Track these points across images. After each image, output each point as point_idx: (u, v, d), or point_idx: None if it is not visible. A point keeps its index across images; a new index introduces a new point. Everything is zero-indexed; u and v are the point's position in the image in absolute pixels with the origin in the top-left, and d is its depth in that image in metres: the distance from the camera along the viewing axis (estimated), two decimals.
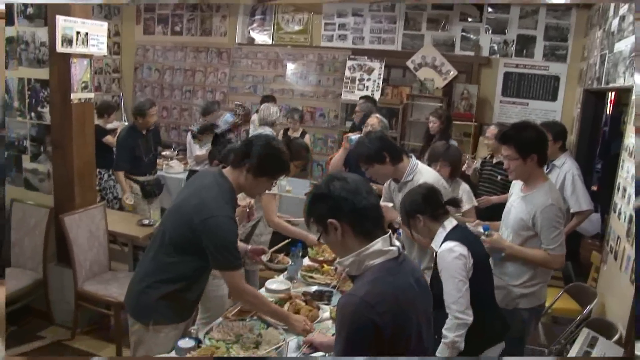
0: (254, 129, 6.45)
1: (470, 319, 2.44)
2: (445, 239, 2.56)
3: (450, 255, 2.48)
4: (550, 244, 2.80)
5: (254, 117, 7.06)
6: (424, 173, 3.12)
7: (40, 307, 4.35)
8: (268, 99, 6.98)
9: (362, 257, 1.71)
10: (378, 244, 1.70)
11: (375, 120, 4.64)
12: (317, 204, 1.78)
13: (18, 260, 4.32)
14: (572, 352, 2.72)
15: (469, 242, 2.55)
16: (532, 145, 2.82)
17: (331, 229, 1.73)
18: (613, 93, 6.33)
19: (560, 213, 2.82)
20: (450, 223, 2.62)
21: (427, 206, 2.62)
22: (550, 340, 3.60)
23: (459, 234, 2.57)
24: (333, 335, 2.46)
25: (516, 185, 3.09)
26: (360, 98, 6.80)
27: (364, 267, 1.72)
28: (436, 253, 2.59)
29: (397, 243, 1.77)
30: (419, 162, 3.20)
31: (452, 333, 2.43)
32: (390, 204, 3.31)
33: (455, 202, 2.71)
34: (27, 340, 4.05)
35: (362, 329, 1.60)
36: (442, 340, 2.45)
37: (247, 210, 3.14)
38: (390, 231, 1.77)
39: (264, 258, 2.98)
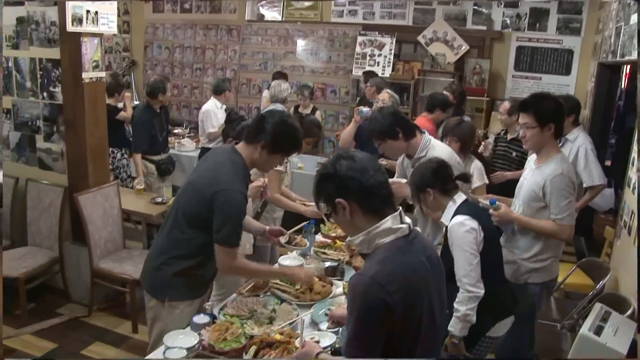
0: (264, 105, 6.45)
1: (481, 292, 2.45)
2: (455, 213, 2.56)
3: (461, 229, 2.49)
4: (559, 213, 2.78)
5: (265, 93, 7.05)
6: (437, 149, 3.09)
7: (58, 285, 4.43)
8: (279, 75, 6.96)
9: (372, 235, 1.70)
10: (387, 222, 1.69)
11: (386, 96, 4.61)
12: (324, 183, 1.77)
13: (34, 239, 4.38)
14: (585, 327, 2.72)
15: (479, 216, 2.55)
16: (550, 114, 2.82)
17: (339, 208, 1.73)
18: (628, 66, 6.21)
19: (570, 183, 2.80)
20: (460, 197, 2.62)
21: (437, 180, 2.62)
22: (562, 315, 3.60)
23: (469, 208, 2.57)
24: None
25: (530, 161, 3.08)
26: (363, 73, 6.76)
27: (374, 245, 1.71)
28: (446, 227, 2.59)
29: (408, 220, 1.76)
30: (432, 138, 3.18)
31: (463, 306, 2.45)
32: (404, 180, 3.30)
33: (465, 177, 2.71)
34: (46, 317, 4.12)
35: (373, 309, 1.60)
36: (454, 314, 2.46)
37: (262, 189, 3.15)
38: (400, 208, 1.76)
39: (282, 239, 2.99)
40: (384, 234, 1.69)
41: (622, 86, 6.71)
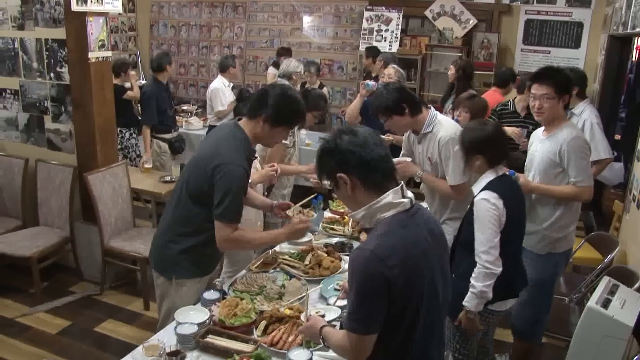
0: (270, 82, 6.43)
1: (499, 270, 2.43)
2: (485, 187, 2.52)
3: (485, 205, 2.45)
4: (578, 175, 2.81)
5: (270, 69, 7.01)
6: (444, 124, 3.07)
7: (70, 264, 4.49)
8: (283, 51, 6.92)
9: (373, 210, 1.71)
10: (388, 197, 1.69)
11: (391, 71, 4.58)
12: (326, 158, 1.77)
13: (46, 219, 4.43)
14: (592, 300, 2.73)
15: (507, 196, 2.49)
16: (567, 85, 2.87)
17: (341, 183, 1.73)
18: (639, 38, 6.14)
19: (586, 145, 2.86)
20: (499, 171, 2.56)
21: (491, 148, 2.54)
22: (571, 289, 3.62)
23: (500, 185, 2.51)
24: None
25: (535, 136, 3.09)
26: (366, 49, 6.70)
27: (375, 220, 1.72)
28: (473, 201, 2.56)
29: (410, 194, 1.76)
30: (438, 113, 3.16)
31: (480, 283, 2.43)
32: (409, 159, 3.29)
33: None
34: (59, 295, 4.19)
35: (372, 283, 1.61)
36: (470, 289, 2.46)
37: (276, 174, 3.17)
38: (402, 182, 1.76)
39: (290, 212, 3.01)
40: (384, 208, 1.70)
41: (633, 59, 6.63)
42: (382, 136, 3.71)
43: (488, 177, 2.55)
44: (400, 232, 1.67)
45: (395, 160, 3.12)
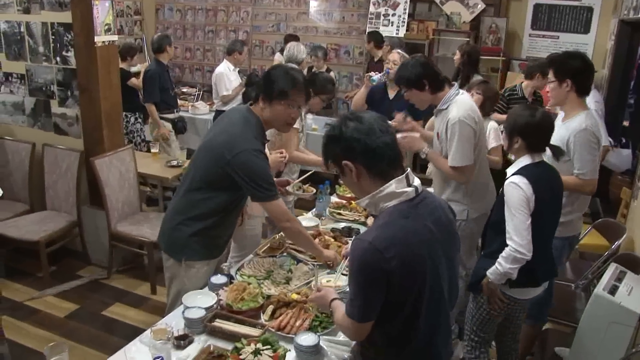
0: None
1: (528, 255, 2.40)
2: (517, 172, 2.50)
3: (513, 189, 2.43)
4: (582, 167, 2.81)
5: (277, 56, 6.98)
6: (459, 104, 3.02)
7: (77, 248, 4.52)
8: (291, 38, 6.88)
9: (376, 199, 1.70)
10: (391, 186, 1.68)
11: (396, 56, 4.53)
12: (331, 145, 1.76)
13: (53, 204, 4.45)
14: (599, 287, 2.73)
15: (539, 183, 2.45)
16: (568, 70, 2.88)
17: (347, 170, 1.72)
18: None
19: (594, 138, 2.83)
20: (537, 157, 2.53)
21: (533, 135, 2.52)
22: (577, 275, 3.61)
23: (534, 171, 2.49)
24: None
25: (559, 119, 3.07)
26: (367, 34, 6.65)
27: (379, 208, 1.72)
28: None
29: (417, 182, 1.74)
30: (462, 93, 3.12)
31: (507, 264, 2.41)
32: (417, 134, 3.30)
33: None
34: (67, 279, 4.22)
35: (369, 274, 1.62)
36: (496, 265, 2.44)
37: (284, 160, 3.17)
38: (408, 170, 1.74)
39: (290, 189, 2.99)
40: (387, 197, 1.69)
41: None
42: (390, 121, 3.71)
43: (523, 161, 2.54)
44: (402, 223, 1.66)
45: (402, 134, 3.19)
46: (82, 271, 4.39)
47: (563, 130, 2.88)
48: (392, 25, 7.27)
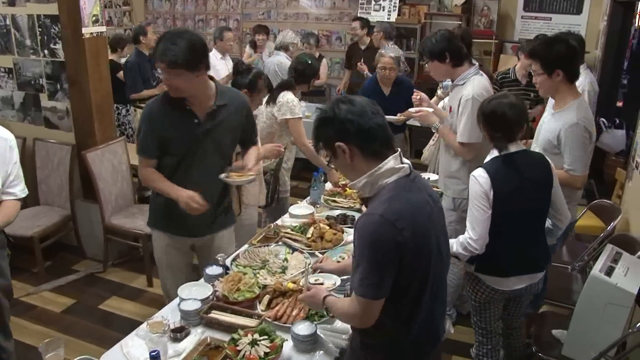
0: (268, 55, 6.36)
1: (478, 250, 2.43)
2: (483, 164, 2.50)
3: (474, 183, 2.45)
4: (572, 163, 2.78)
5: (247, 49, 6.93)
6: (476, 83, 3.10)
7: (72, 243, 4.49)
8: (260, 29, 6.82)
9: (375, 177, 1.71)
10: (390, 162, 1.70)
11: (389, 61, 4.41)
12: (323, 127, 1.76)
13: (46, 198, 4.41)
14: (596, 268, 2.73)
15: (501, 176, 2.43)
16: (556, 60, 2.77)
17: (340, 152, 1.72)
18: None
19: (586, 133, 2.77)
20: (505, 150, 2.47)
21: (498, 127, 2.48)
22: (573, 257, 3.62)
23: (496, 166, 2.46)
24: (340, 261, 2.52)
25: (548, 106, 3.04)
26: (354, 20, 6.57)
27: (378, 186, 1.72)
28: None
29: (407, 161, 1.77)
30: (480, 73, 3.18)
31: (459, 248, 2.47)
32: (431, 109, 3.39)
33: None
34: (63, 274, 4.20)
35: (384, 247, 1.62)
36: (453, 243, 2.47)
37: (282, 150, 3.23)
38: (399, 150, 1.77)
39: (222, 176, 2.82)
40: (387, 173, 1.70)
41: (636, 24, 6.52)
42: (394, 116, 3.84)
43: (490, 154, 2.54)
44: (407, 196, 1.68)
45: (414, 109, 3.40)
46: (77, 265, 4.37)
47: (553, 122, 2.84)
48: (383, 10, 7.21)
